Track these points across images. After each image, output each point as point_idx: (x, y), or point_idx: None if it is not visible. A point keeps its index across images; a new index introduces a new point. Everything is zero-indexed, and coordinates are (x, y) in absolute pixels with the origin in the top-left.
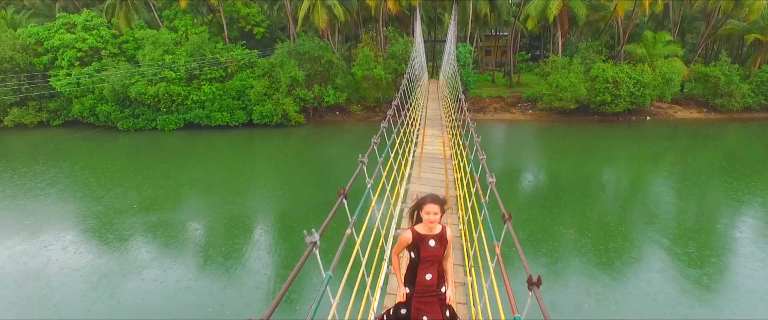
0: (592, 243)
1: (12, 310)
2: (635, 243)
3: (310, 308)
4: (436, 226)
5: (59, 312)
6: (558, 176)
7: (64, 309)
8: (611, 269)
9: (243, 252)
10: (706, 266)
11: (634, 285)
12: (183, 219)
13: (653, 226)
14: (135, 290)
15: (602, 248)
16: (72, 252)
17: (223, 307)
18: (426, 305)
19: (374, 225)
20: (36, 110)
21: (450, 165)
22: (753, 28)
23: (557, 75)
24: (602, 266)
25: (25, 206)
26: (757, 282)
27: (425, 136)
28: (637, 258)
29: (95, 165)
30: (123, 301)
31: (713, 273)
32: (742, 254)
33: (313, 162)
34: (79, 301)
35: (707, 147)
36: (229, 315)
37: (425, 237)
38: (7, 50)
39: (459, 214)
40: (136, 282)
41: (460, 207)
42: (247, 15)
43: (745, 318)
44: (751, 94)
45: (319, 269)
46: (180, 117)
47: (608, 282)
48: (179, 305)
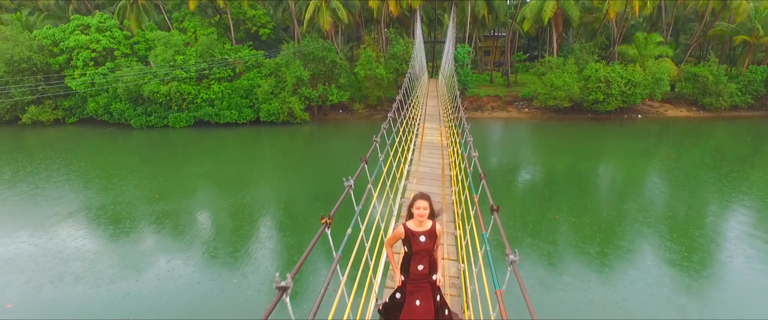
0: (583, 229)
1: (57, 283)
2: (625, 230)
3: (325, 281)
4: (426, 222)
5: (92, 286)
6: (551, 170)
7: (94, 279)
8: (601, 254)
9: (252, 236)
10: (694, 252)
11: (625, 269)
12: (196, 207)
13: (642, 215)
14: (157, 265)
15: (593, 234)
16: (100, 235)
17: (238, 282)
18: (418, 290)
19: (377, 214)
20: (52, 108)
21: (446, 152)
22: (741, 30)
23: (552, 75)
24: (592, 250)
25: (51, 195)
26: (741, 268)
27: (425, 128)
28: (627, 245)
29: (112, 160)
30: (146, 275)
31: (701, 259)
32: (728, 243)
33: (318, 157)
34: (109, 275)
35: (696, 144)
36: (243, 288)
37: (416, 234)
38: (24, 51)
39: (453, 188)
40: (156, 259)
41: (454, 183)
42: (253, 17)
43: (741, 318)
44: (738, 93)
45: (331, 249)
46: (190, 115)
47: (598, 264)
48: (198, 278)
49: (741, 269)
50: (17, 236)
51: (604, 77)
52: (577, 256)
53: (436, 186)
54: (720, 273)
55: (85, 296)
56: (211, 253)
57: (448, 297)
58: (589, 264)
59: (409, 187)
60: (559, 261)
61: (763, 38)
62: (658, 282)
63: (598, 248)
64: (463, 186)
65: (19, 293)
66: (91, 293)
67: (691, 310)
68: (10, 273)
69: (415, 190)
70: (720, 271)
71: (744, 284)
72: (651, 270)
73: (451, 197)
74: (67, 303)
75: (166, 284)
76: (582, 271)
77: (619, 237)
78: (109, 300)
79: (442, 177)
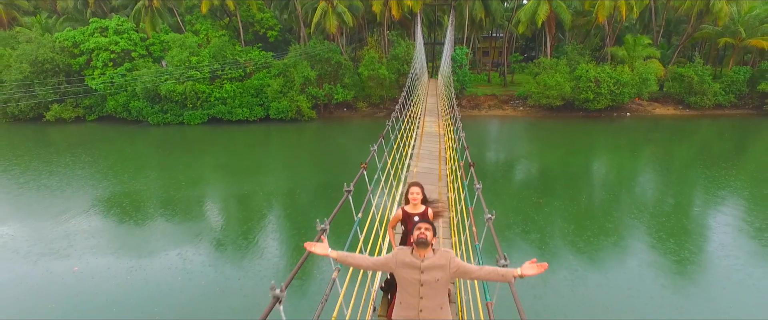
0: (572, 215)
1: (101, 253)
2: (614, 218)
3: (346, 243)
4: (419, 206)
5: (126, 259)
6: (543, 163)
7: (127, 253)
8: (591, 240)
9: (262, 222)
10: (680, 240)
11: (614, 255)
12: (212, 195)
13: (629, 205)
14: (180, 244)
15: (583, 221)
16: (131, 218)
17: (250, 261)
18: None
19: (383, 201)
20: (73, 106)
21: (443, 139)
22: (725, 33)
23: (545, 75)
24: (582, 235)
25: (86, 183)
26: (720, 250)
27: (425, 121)
28: (615, 232)
29: (132, 154)
30: (169, 251)
31: (686, 246)
32: (711, 231)
33: (325, 152)
34: (143, 247)
35: (681, 140)
36: (255, 265)
37: (411, 215)
38: (47, 52)
39: (448, 165)
40: (176, 239)
41: (448, 163)
42: (261, 19)
43: (736, 318)
44: (722, 93)
45: (352, 213)
46: (204, 112)
47: (589, 251)
48: (213, 258)
49: (720, 251)
50: (67, 216)
51: (594, 77)
52: (566, 243)
53: (433, 164)
54: (702, 257)
55: (137, 256)
56: (229, 233)
57: None
58: (578, 251)
59: (412, 164)
60: (549, 248)
61: (745, 40)
62: (647, 264)
63: (588, 234)
64: (455, 176)
65: (82, 260)
66: (135, 258)
67: (677, 290)
68: (75, 243)
69: (417, 167)
70: (703, 255)
71: (721, 259)
72: (641, 256)
73: (446, 174)
74: (126, 262)
75: (198, 251)
76: (573, 258)
77: (608, 223)
78: (151, 260)
79: (439, 157)
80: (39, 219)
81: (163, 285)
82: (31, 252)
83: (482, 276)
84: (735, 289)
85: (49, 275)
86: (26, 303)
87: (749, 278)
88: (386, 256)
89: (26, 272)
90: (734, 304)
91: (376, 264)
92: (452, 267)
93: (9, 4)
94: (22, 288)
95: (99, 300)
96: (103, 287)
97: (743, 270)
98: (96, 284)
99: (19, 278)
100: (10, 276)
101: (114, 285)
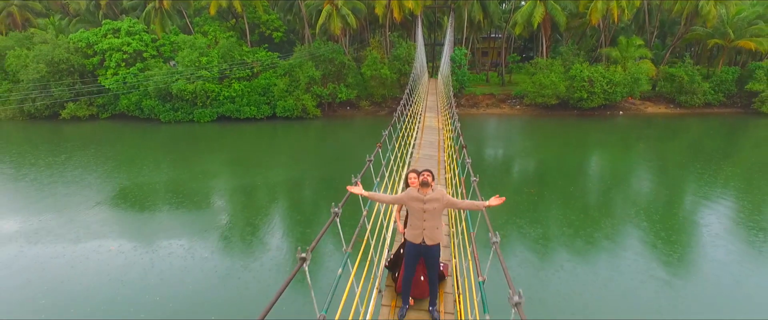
0: (565, 204)
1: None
2: (606, 209)
3: (361, 216)
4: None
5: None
6: (538, 159)
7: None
8: (585, 233)
9: (270, 212)
10: (670, 231)
11: (605, 244)
12: (223, 188)
13: (620, 195)
14: (196, 230)
15: (577, 212)
16: (151, 206)
17: (259, 246)
18: None
19: (391, 179)
20: (87, 105)
21: (442, 132)
22: (715, 34)
23: (540, 75)
24: (575, 226)
25: (110, 174)
26: (708, 238)
27: (426, 116)
28: (608, 222)
29: (146, 149)
30: (183, 235)
31: (676, 235)
32: (700, 218)
33: (329, 148)
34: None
35: (671, 137)
36: (266, 247)
37: None
38: (63, 52)
39: (446, 152)
40: (191, 223)
41: (446, 150)
42: (267, 21)
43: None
44: (711, 92)
45: (360, 205)
46: (214, 110)
47: (580, 234)
48: (222, 244)
49: (707, 236)
50: (97, 204)
51: (588, 77)
52: (558, 229)
53: (433, 151)
54: (688, 239)
55: (157, 240)
56: (238, 221)
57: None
58: (572, 242)
59: (414, 152)
60: (543, 238)
61: (734, 41)
62: (638, 254)
63: (582, 225)
64: (454, 173)
65: (116, 241)
66: (154, 243)
67: (668, 276)
68: (108, 226)
69: (419, 154)
70: (688, 237)
71: (706, 244)
72: (632, 245)
73: (443, 158)
74: (151, 242)
75: (210, 235)
76: (567, 248)
77: (600, 214)
78: (170, 242)
79: (438, 146)
80: (72, 207)
81: (181, 260)
82: (70, 235)
83: (464, 206)
84: (715, 268)
85: (89, 252)
86: (74, 274)
87: (728, 255)
88: (400, 194)
89: (70, 250)
90: (717, 283)
91: (394, 199)
92: (444, 200)
93: (23, 6)
94: (68, 263)
95: (132, 272)
96: (135, 262)
97: (724, 250)
98: (128, 259)
99: (64, 255)
100: (57, 254)
101: (146, 260)
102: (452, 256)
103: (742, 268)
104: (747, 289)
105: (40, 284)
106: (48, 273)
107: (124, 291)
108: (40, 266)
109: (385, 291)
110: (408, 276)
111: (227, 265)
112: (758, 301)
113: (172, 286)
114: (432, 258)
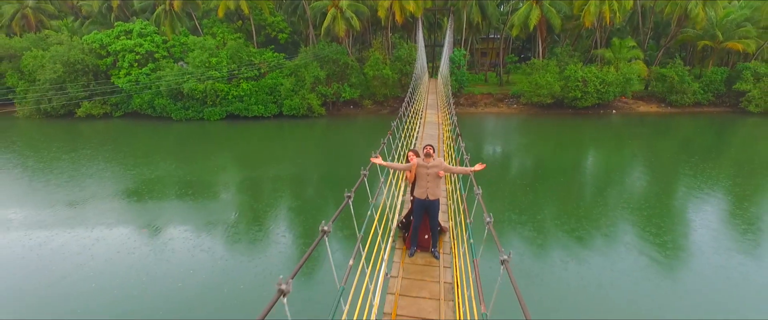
0: (562, 202)
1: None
2: (599, 203)
3: (371, 198)
4: None
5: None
6: (533, 153)
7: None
8: (579, 226)
9: (277, 205)
10: (659, 221)
11: (596, 234)
12: (234, 180)
13: (614, 192)
14: (209, 218)
15: (571, 206)
16: (169, 199)
17: (266, 237)
18: None
19: (391, 187)
20: (101, 103)
21: (441, 126)
22: (705, 36)
23: (536, 75)
24: (570, 220)
25: (130, 168)
26: (699, 230)
27: (427, 113)
28: (601, 216)
29: (160, 146)
30: (198, 223)
31: (664, 224)
32: (690, 211)
33: (333, 144)
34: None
35: (661, 134)
36: (274, 232)
37: None
38: (78, 53)
39: (444, 142)
40: (204, 212)
41: (445, 141)
42: (273, 23)
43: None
44: (701, 91)
45: (367, 193)
46: (223, 109)
47: (571, 222)
48: (232, 232)
49: (693, 229)
50: (126, 194)
51: (581, 77)
52: (552, 218)
53: (433, 143)
54: (676, 232)
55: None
56: (246, 212)
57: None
58: (567, 235)
59: (417, 144)
60: (539, 231)
61: (723, 43)
62: (630, 247)
63: (576, 219)
64: (452, 159)
65: (146, 224)
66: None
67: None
68: (137, 213)
69: (421, 146)
70: (676, 230)
71: (693, 236)
72: (624, 238)
73: (443, 148)
74: (175, 226)
75: (221, 224)
76: (562, 240)
77: (593, 205)
78: (186, 230)
79: (438, 138)
80: (103, 197)
81: (198, 241)
82: (108, 220)
83: (456, 171)
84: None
85: (123, 232)
86: (113, 250)
87: (714, 242)
88: (409, 163)
89: (106, 234)
90: (700, 270)
91: (405, 167)
92: (442, 166)
93: (37, 9)
94: (110, 243)
95: (160, 250)
96: (163, 242)
97: (709, 238)
98: (158, 239)
99: (105, 238)
100: (100, 235)
101: (171, 240)
102: (449, 219)
103: (726, 256)
104: (728, 273)
105: (93, 257)
106: (98, 251)
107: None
108: (86, 247)
109: (397, 242)
110: (416, 225)
111: (254, 236)
112: (743, 288)
113: (194, 252)
114: (433, 209)
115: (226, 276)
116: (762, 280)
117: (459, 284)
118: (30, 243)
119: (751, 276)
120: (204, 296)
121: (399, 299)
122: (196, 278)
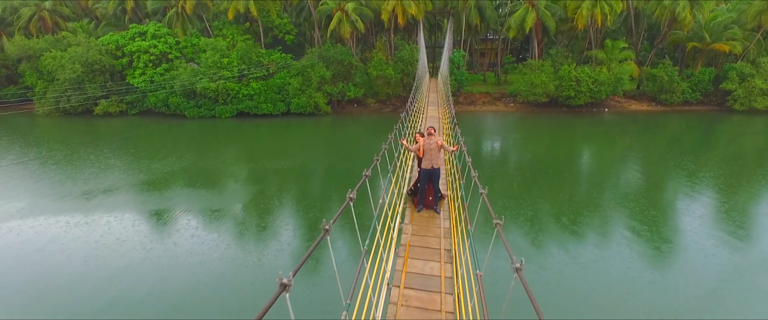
0: (557, 196)
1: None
2: (593, 196)
3: (381, 190)
4: None
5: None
6: (530, 151)
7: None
8: (573, 220)
9: (285, 196)
10: (649, 213)
11: (594, 232)
12: (246, 171)
13: (608, 185)
14: (219, 205)
15: (565, 200)
16: (183, 190)
17: (273, 225)
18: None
19: (396, 176)
20: (117, 102)
21: (441, 121)
22: (694, 38)
23: (532, 75)
24: (565, 213)
25: (157, 159)
26: (694, 230)
27: (428, 110)
28: (594, 209)
29: (175, 142)
30: (207, 213)
31: (654, 215)
32: (679, 203)
33: (338, 140)
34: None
35: (652, 131)
36: (279, 222)
37: None
38: (95, 54)
39: (444, 133)
40: (215, 203)
41: (444, 131)
42: (280, 24)
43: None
44: (690, 91)
45: (380, 180)
46: (233, 107)
47: (565, 213)
48: (240, 220)
49: (686, 220)
50: (154, 184)
51: (575, 77)
52: (546, 209)
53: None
54: (667, 224)
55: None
56: (258, 203)
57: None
58: (563, 229)
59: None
60: (535, 225)
61: (710, 44)
62: (622, 237)
63: (570, 212)
64: (449, 138)
65: (176, 209)
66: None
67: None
68: (167, 200)
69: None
70: (667, 223)
71: (683, 225)
72: (617, 229)
73: (443, 139)
74: (198, 213)
75: (233, 214)
76: (558, 234)
77: (587, 201)
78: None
79: (439, 132)
80: (133, 186)
81: (214, 225)
82: (143, 207)
83: (445, 149)
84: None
85: (158, 216)
86: (157, 231)
87: (699, 233)
88: (420, 144)
89: (146, 217)
90: (685, 256)
91: (418, 147)
92: (439, 143)
93: (53, 11)
94: (151, 226)
95: (189, 230)
96: (191, 224)
97: (695, 228)
98: (186, 221)
99: (149, 219)
100: (135, 221)
101: (195, 222)
102: (448, 189)
103: (711, 245)
104: (707, 258)
105: (104, 241)
106: (114, 235)
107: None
108: (108, 229)
109: (407, 204)
110: (423, 188)
111: (277, 224)
112: (725, 275)
113: (214, 233)
114: (436, 175)
115: (233, 267)
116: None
117: (456, 243)
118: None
119: (740, 263)
120: (222, 278)
121: (411, 238)
122: (204, 267)
